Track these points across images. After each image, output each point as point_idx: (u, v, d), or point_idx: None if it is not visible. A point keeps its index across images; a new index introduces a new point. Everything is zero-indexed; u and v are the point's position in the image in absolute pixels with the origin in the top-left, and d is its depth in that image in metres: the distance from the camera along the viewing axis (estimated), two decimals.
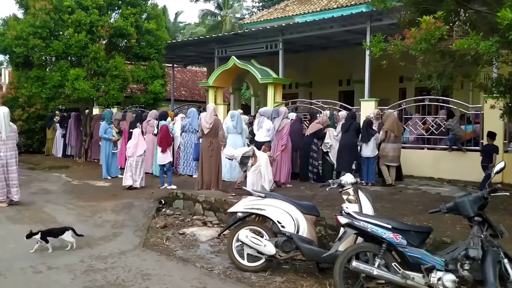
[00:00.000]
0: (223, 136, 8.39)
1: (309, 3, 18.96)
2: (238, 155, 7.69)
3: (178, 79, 24.59)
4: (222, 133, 8.38)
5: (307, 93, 17.89)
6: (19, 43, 11.62)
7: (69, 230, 5.31)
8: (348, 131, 8.98)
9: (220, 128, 8.29)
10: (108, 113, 10.94)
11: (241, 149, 7.99)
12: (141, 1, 13.18)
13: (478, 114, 10.13)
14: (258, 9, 33.50)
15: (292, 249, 4.77)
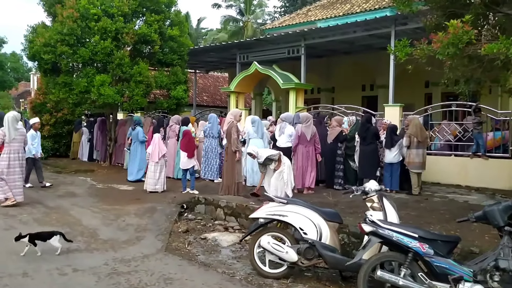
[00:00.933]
0: (236, 141, 8.32)
1: (331, 8, 18.87)
2: (263, 156, 7.63)
3: (200, 85, 24.81)
4: (235, 138, 8.35)
5: (329, 98, 17.76)
6: (48, 50, 11.92)
7: (57, 235, 5.25)
8: (366, 137, 8.86)
9: (233, 133, 8.29)
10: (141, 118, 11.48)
11: (267, 150, 7.95)
12: (164, 8, 13.36)
13: (498, 120, 10.00)
14: (280, 14, 33.61)
15: (315, 257, 4.72)
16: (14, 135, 7.64)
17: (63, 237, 5.32)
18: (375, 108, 13.89)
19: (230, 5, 35.18)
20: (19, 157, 7.72)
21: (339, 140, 9.30)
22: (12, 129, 7.65)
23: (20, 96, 41.15)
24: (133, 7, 12.44)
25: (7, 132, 7.59)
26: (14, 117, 7.73)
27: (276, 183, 7.50)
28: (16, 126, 7.73)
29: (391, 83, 11.55)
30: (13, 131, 7.65)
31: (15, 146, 7.66)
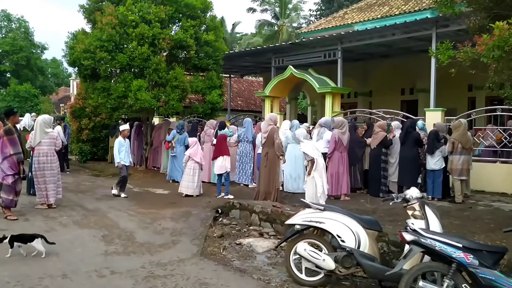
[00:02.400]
0: (279, 145, 8.28)
1: (369, 11, 18.56)
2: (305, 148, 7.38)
3: (234, 89, 24.94)
4: (279, 143, 8.28)
5: (367, 103, 17.42)
6: (87, 56, 12.28)
7: (38, 238, 5.22)
8: (407, 142, 8.58)
9: (276, 138, 8.20)
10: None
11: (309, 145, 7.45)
12: (200, 13, 13.51)
13: None
14: (316, 17, 33.39)
15: (353, 265, 4.59)
16: (41, 138, 7.83)
17: (45, 240, 5.27)
18: (415, 112, 13.52)
19: (265, 9, 35.35)
20: (49, 160, 7.86)
21: (384, 145, 9.02)
22: (40, 132, 7.86)
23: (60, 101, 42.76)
24: (170, 13, 12.64)
25: (33, 136, 7.94)
26: (44, 121, 7.97)
27: (308, 189, 7.32)
28: (46, 130, 7.92)
29: (433, 86, 11.18)
30: (40, 135, 7.85)
31: (44, 149, 7.86)
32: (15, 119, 7.36)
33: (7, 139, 6.89)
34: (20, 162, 6.95)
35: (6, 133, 6.93)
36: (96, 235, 6.22)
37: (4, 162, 6.83)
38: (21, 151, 7.03)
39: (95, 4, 13.49)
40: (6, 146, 6.86)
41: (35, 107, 31.98)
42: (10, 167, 6.85)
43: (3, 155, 6.85)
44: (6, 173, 6.83)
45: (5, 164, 6.84)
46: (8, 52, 43.47)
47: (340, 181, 8.61)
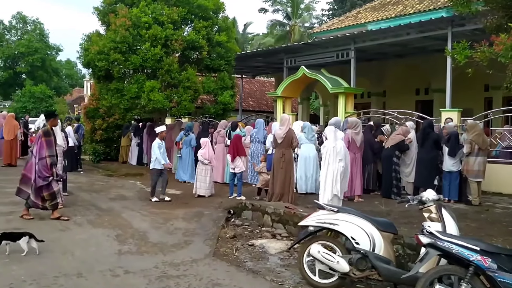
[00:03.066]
0: (297, 145, 8.31)
1: (383, 10, 18.41)
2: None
3: (246, 90, 24.96)
4: (297, 144, 8.28)
5: (381, 103, 17.28)
6: (101, 58, 12.40)
7: (25, 236, 5.22)
8: (425, 144, 8.45)
9: (294, 140, 8.17)
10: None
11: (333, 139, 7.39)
12: (212, 14, 13.56)
13: None
14: (328, 17, 33.26)
15: (368, 268, 4.53)
16: None
17: (34, 238, 5.26)
18: (431, 113, 13.36)
19: (277, 10, 35.30)
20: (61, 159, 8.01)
21: (400, 148, 8.90)
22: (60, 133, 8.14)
23: (74, 101, 43.30)
24: (182, 14, 12.71)
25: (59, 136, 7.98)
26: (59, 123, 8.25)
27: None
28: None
29: (448, 87, 11.04)
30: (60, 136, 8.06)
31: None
32: (54, 122, 7.28)
33: (44, 141, 6.87)
34: (53, 165, 6.91)
35: (44, 134, 6.94)
36: (110, 235, 6.25)
37: (39, 163, 6.83)
38: (55, 154, 7.01)
39: (109, 6, 13.63)
40: (43, 147, 6.86)
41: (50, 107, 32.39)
42: (44, 169, 6.82)
43: (40, 156, 6.84)
44: (39, 175, 6.80)
45: (40, 165, 6.83)
46: (24, 53, 44.15)
47: (354, 182, 8.53)
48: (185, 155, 11.33)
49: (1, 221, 6.68)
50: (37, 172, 6.81)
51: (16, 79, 46.28)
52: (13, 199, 8.33)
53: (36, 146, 6.93)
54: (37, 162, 6.84)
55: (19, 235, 5.23)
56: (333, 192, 7.05)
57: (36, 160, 6.85)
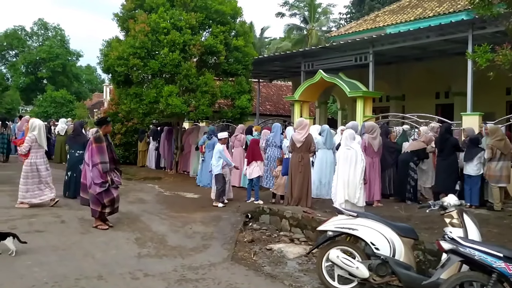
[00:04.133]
0: (314, 150, 8.29)
1: (401, 13, 18.24)
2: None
3: (263, 94, 24.98)
4: (314, 149, 8.26)
5: (400, 106, 17.07)
6: (121, 63, 12.56)
7: (10, 236, 5.29)
8: (444, 148, 8.32)
9: (312, 144, 8.15)
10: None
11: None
12: (230, 19, 13.62)
13: None
14: (346, 21, 33.12)
15: (388, 274, 4.49)
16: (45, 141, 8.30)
17: (17, 239, 5.33)
18: (451, 116, 13.15)
19: (294, 14, 35.35)
20: (45, 161, 8.29)
21: (419, 156, 8.80)
22: (44, 136, 8.30)
23: (94, 106, 43.99)
24: (200, 19, 12.79)
25: (40, 139, 8.14)
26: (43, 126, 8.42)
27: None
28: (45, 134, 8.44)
29: (469, 90, 10.85)
30: (44, 138, 8.32)
31: (41, 152, 8.24)
32: (107, 128, 7.12)
33: (95, 147, 6.75)
34: (106, 171, 6.75)
35: (95, 140, 6.82)
36: (130, 238, 6.33)
37: (93, 169, 6.74)
38: (107, 160, 6.80)
39: (128, 13, 13.81)
40: (94, 153, 6.75)
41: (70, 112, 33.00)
42: (98, 175, 6.72)
43: (92, 163, 6.75)
44: (95, 182, 6.72)
45: (94, 171, 6.73)
46: (45, 59, 45.13)
47: (372, 187, 8.45)
48: (208, 158, 11.32)
49: (23, 223, 6.82)
50: (92, 178, 6.73)
51: (37, 84, 47.34)
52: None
53: (88, 152, 6.85)
54: (91, 169, 6.75)
55: (4, 235, 5.32)
56: (345, 197, 6.99)
57: (89, 167, 6.77)
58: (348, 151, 7.09)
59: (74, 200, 8.87)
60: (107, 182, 6.77)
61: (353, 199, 6.97)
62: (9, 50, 49.23)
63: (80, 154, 9.33)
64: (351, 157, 7.04)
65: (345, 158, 7.08)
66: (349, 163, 7.03)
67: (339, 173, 7.18)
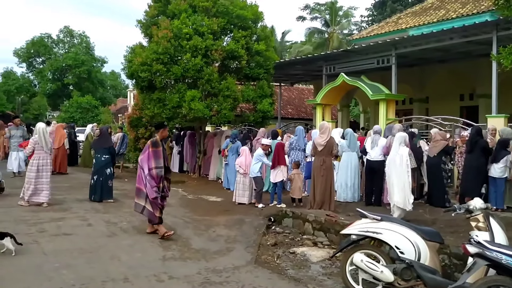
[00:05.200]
0: (337, 153, 8.27)
1: (424, 15, 18.01)
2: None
3: (284, 97, 24.99)
4: (336, 152, 8.24)
5: (423, 109, 16.84)
6: (144, 69, 12.78)
7: (7, 237, 5.44)
8: (474, 151, 8.15)
9: (334, 147, 8.13)
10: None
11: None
12: (251, 24, 13.71)
13: None
14: (367, 23, 32.85)
15: (413, 278, 4.44)
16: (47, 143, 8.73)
17: (14, 240, 5.48)
18: (476, 119, 12.90)
19: (315, 17, 35.27)
20: (47, 162, 8.70)
21: (446, 152, 8.66)
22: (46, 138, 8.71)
23: (118, 111, 44.88)
24: (222, 24, 12.92)
25: (43, 142, 8.60)
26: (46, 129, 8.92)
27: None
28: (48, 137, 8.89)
29: (494, 92, 10.63)
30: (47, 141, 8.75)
31: (42, 153, 8.64)
32: (164, 133, 6.99)
33: (152, 151, 6.63)
34: (160, 176, 6.64)
35: (152, 145, 6.69)
36: (154, 241, 6.42)
37: (148, 174, 6.61)
38: (162, 166, 6.68)
39: (151, 19, 14.06)
40: (150, 158, 6.63)
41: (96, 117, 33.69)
42: (153, 180, 6.58)
43: (148, 167, 6.62)
44: (151, 185, 6.58)
45: (149, 176, 6.60)
46: (71, 66, 46.30)
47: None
48: (232, 162, 11.44)
49: (52, 226, 7.00)
50: (148, 182, 6.60)
51: (64, 90, 48.61)
52: (62, 206, 8.79)
53: (143, 156, 6.74)
54: (145, 174, 6.62)
55: (2, 235, 5.48)
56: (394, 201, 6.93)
57: (144, 172, 6.63)
58: (397, 155, 7.02)
59: (99, 204, 9.09)
60: (159, 188, 6.64)
61: (403, 204, 6.90)
62: (36, 58, 50.79)
63: (106, 158, 9.57)
64: (400, 161, 6.97)
65: (394, 162, 7.02)
66: (398, 167, 6.97)
67: (390, 177, 7.16)
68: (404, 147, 7.20)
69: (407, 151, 7.18)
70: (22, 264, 5.13)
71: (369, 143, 8.94)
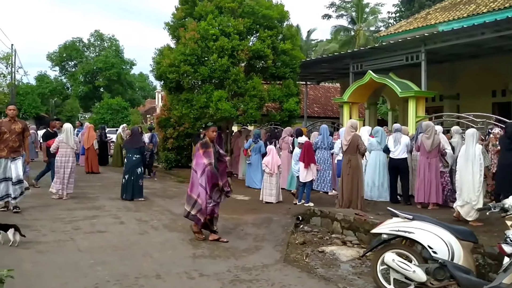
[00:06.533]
0: (364, 152, 8.15)
1: (454, 10, 17.56)
2: None
3: (311, 96, 24.87)
4: (365, 149, 8.12)
5: (454, 106, 16.42)
6: (172, 70, 12.98)
7: (12, 228, 5.73)
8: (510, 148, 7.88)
9: (361, 145, 8.04)
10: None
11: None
12: (277, 23, 13.72)
13: None
14: (395, 20, 32.26)
15: (446, 278, 4.35)
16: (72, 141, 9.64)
17: (19, 232, 5.76)
18: (509, 115, 12.48)
19: (341, 15, 34.91)
20: (69, 159, 9.52)
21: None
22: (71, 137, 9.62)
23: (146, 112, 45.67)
24: (248, 25, 12.99)
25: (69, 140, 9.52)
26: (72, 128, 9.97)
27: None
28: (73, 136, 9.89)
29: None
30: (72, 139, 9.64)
31: (67, 151, 9.54)
32: (209, 133, 6.76)
33: (202, 153, 6.55)
34: (213, 173, 6.43)
35: (202, 146, 6.59)
36: (184, 239, 6.52)
37: (203, 174, 6.45)
38: (213, 161, 6.48)
39: (178, 21, 14.27)
40: (200, 157, 6.52)
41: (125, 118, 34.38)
42: (207, 179, 6.44)
43: (202, 167, 6.46)
44: (204, 187, 6.43)
45: (203, 176, 6.45)
46: (102, 68, 47.47)
47: (427, 188, 8.20)
48: (255, 162, 11.54)
49: (86, 224, 7.22)
50: (203, 188, 6.40)
51: (95, 92, 49.88)
52: (95, 204, 9.04)
53: (195, 161, 6.64)
54: (199, 181, 6.43)
55: (7, 226, 5.80)
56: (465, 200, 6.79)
57: (198, 175, 6.46)
58: (469, 152, 6.89)
59: (131, 202, 9.30)
60: (217, 186, 6.47)
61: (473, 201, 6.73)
62: (68, 61, 52.32)
63: (137, 158, 9.79)
64: (472, 158, 6.84)
65: (466, 159, 6.90)
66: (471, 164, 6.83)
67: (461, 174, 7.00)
68: (478, 144, 7.03)
69: (480, 148, 7.00)
70: (59, 261, 5.31)
71: (391, 141, 8.81)
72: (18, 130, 7.84)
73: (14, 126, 7.84)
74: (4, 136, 7.70)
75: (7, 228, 5.80)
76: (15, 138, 7.77)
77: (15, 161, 7.77)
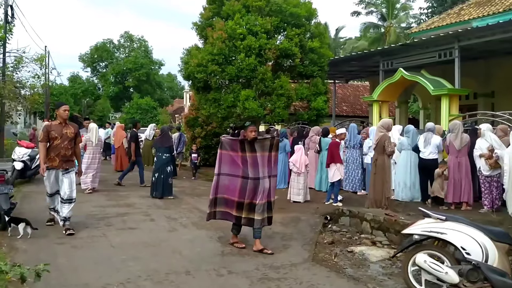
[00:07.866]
0: (391, 153, 7.98)
1: (489, 5, 17.00)
2: None
3: (339, 95, 24.59)
4: (392, 151, 7.97)
5: (489, 104, 15.88)
6: (200, 70, 13.11)
7: (23, 223, 6.00)
8: None
9: (388, 146, 7.89)
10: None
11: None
12: (305, 21, 13.64)
13: None
14: (427, 16, 31.50)
15: (480, 280, 4.23)
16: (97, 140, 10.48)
17: (30, 226, 6.05)
18: None
19: (371, 12, 34.37)
20: (96, 156, 10.44)
21: None
22: (98, 136, 10.51)
23: (175, 111, 46.38)
24: (275, 23, 12.98)
25: (94, 138, 10.36)
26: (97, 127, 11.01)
27: None
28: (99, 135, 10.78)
29: None
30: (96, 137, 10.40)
31: (95, 148, 10.47)
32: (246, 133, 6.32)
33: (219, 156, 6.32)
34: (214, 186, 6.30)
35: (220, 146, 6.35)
36: (213, 236, 6.59)
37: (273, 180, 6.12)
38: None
39: (206, 21, 14.40)
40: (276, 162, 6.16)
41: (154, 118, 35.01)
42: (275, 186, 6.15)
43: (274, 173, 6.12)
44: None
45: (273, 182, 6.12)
46: (131, 69, 48.45)
47: (461, 188, 7.98)
48: (279, 161, 11.44)
49: (118, 221, 7.39)
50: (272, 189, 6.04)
51: (125, 92, 50.98)
52: (126, 201, 9.24)
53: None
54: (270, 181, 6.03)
55: (19, 220, 6.09)
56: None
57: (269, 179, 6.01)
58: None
59: (160, 200, 9.46)
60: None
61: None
62: (99, 62, 53.59)
63: (166, 157, 9.94)
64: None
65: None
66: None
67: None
68: None
69: None
70: (93, 256, 5.46)
71: (421, 141, 8.61)
72: (71, 135, 6.52)
73: (66, 130, 6.50)
74: (55, 142, 6.39)
75: (18, 221, 6.08)
76: (67, 144, 6.44)
77: (68, 174, 6.47)
